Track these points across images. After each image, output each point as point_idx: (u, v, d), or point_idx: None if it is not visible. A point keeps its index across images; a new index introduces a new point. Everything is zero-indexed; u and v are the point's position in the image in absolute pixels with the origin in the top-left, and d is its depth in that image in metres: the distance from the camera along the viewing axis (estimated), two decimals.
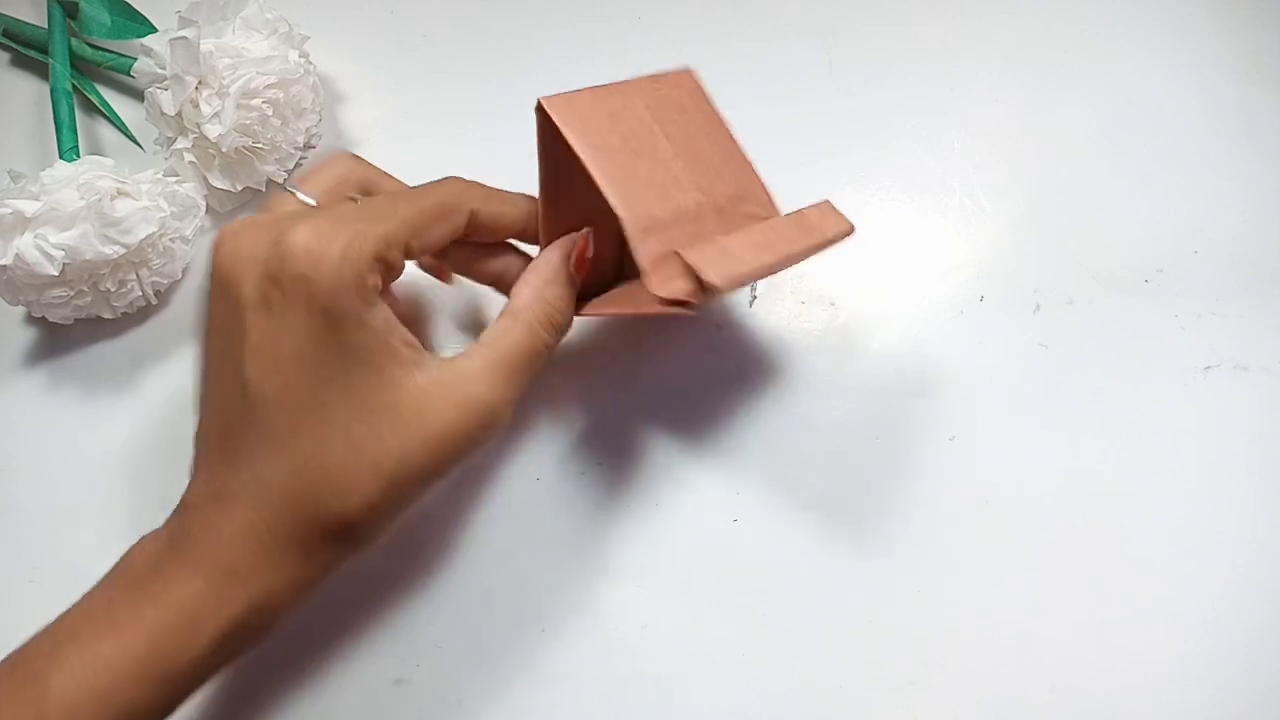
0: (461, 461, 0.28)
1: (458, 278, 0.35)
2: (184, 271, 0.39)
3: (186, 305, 0.39)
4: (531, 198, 0.32)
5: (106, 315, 0.37)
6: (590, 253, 0.31)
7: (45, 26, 0.43)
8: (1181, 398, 0.35)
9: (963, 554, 0.33)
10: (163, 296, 0.39)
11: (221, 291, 0.27)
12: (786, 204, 0.39)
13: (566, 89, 0.37)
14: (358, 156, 0.32)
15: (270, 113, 0.38)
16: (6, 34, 0.44)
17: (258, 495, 0.26)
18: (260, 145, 0.38)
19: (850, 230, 0.31)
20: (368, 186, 0.31)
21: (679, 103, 0.32)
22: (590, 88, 0.30)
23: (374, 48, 0.45)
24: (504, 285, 0.32)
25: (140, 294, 0.37)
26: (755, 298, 0.37)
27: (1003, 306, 0.37)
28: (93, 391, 0.38)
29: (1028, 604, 0.32)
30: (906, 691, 0.32)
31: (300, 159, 0.41)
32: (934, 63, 0.42)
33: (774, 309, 0.37)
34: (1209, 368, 0.36)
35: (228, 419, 0.27)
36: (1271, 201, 0.39)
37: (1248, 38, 0.42)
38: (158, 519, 0.27)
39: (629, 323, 0.37)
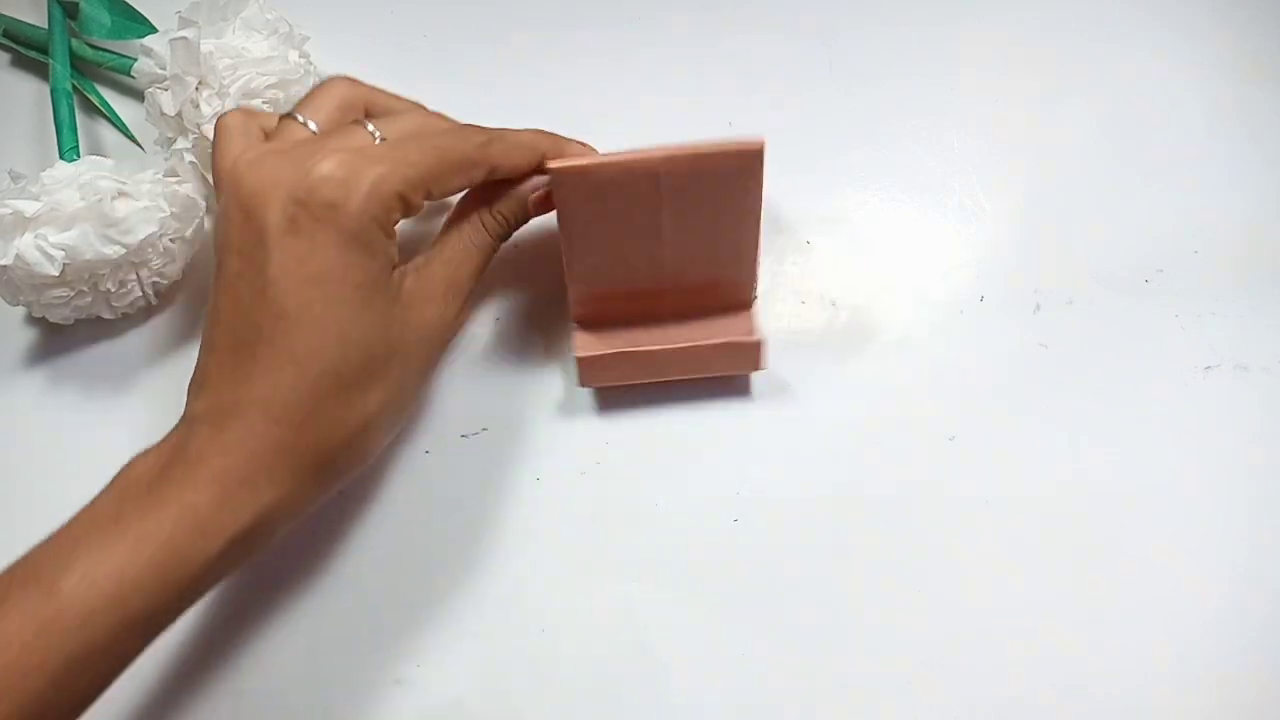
0: (439, 356, 0.32)
1: None
2: (184, 271, 0.39)
3: (187, 305, 0.39)
4: (542, 135, 0.33)
5: (107, 315, 0.37)
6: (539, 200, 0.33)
7: (45, 27, 0.43)
8: (1181, 398, 0.35)
9: (962, 554, 0.33)
10: (163, 297, 0.39)
11: (245, 214, 0.28)
12: (785, 207, 0.39)
13: (566, 89, 0.37)
14: (354, 80, 0.33)
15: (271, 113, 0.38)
16: (7, 34, 0.44)
17: (273, 409, 0.27)
18: None
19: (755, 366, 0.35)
20: (371, 109, 0.33)
21: (715, 177, 0.31)
22: (617, 155, 0.30)
23: (374, 48, 0.45)
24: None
25: (140, 294, 0.37)
26: (755, 298, 0.37)
27: (1003, 306, 0.37)
28: (93, 391, 0.38)
29: (1028, 604, 0.32)
30: (906, 691, 0.32)
31: None
32: (934, 63, 0.42)
33: (774, 309, 0.37)
34: (1209, 368, 0.36)
35: (241, 335, 0.27)
36: (1271, 201, 0.39)
37: (1248, 38, 0.42)
38: None
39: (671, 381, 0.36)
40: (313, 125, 0.31)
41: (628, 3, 0.44)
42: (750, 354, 0.34)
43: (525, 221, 0.33)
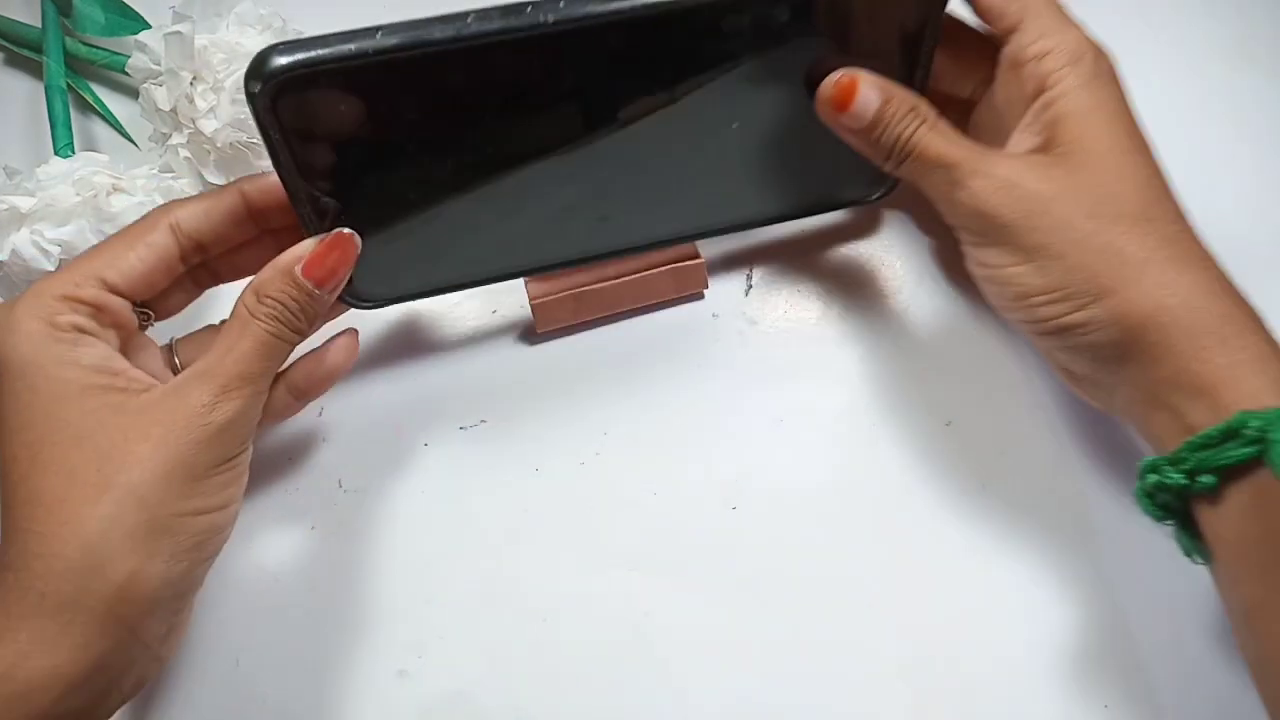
0: (213, 474, 0.27)
1: None
2: None
3: None
4: (239, 188, 0.30)
5: None
6: (339, 273, 0.29)
7: (39, 25, 0.43)
8: None
9: (961, 538, 0.33)
10: None
11: None
12: None
13: None
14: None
15: None
16: (0, 33, 0.44)
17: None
18: (255, 140, 0.38)
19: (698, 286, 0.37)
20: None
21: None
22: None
23: None
24: None
25: None
26: (751, 286, 0.38)
27: None
28: None
29: (1027, 590, 0.33)
30: (906, 677, 0.32)
31: None
32: None
33: (770, 298, 0.37)
34: None
35: None
36: (1261, 190, 0.39)
37: (1235, 25, 0.43)
38: None
39: (624, 311, 0.37)
40: None
41: None
42: (694, 274, 0.36)
43: (315, 299, 0.28)
